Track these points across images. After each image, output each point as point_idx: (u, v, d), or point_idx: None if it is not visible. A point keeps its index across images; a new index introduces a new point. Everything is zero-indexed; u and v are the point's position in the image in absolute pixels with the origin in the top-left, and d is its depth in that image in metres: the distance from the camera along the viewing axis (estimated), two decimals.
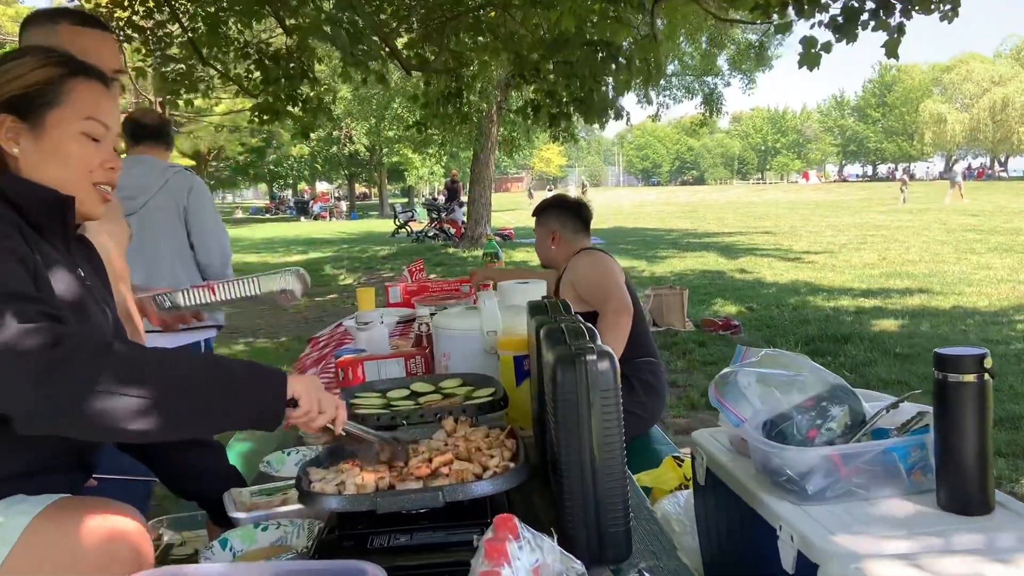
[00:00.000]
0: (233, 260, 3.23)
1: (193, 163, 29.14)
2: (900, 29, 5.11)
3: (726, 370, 1.47)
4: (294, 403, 1.12)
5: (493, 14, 7.39)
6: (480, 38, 7.70)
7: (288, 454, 1.74)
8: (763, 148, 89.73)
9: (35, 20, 1.68)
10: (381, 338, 2.27)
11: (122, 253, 2.07)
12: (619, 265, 2.92)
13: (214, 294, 1.87)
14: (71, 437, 1.02)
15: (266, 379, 1.09)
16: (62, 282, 1.18)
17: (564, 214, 3.08)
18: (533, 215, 3.22)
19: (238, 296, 1.91)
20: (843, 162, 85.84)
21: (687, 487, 2.11)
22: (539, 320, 1.57)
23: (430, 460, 1.28)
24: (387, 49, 7.51)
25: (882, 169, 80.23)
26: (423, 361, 2.06)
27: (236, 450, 2.19)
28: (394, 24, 7.60)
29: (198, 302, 1.86)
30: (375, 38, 7.01)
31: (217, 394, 1.04)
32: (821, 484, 1.31)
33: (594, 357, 1.18)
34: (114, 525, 1.07)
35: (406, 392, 1.78)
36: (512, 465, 1.22)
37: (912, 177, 70.60)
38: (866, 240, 15.00)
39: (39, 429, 0.99)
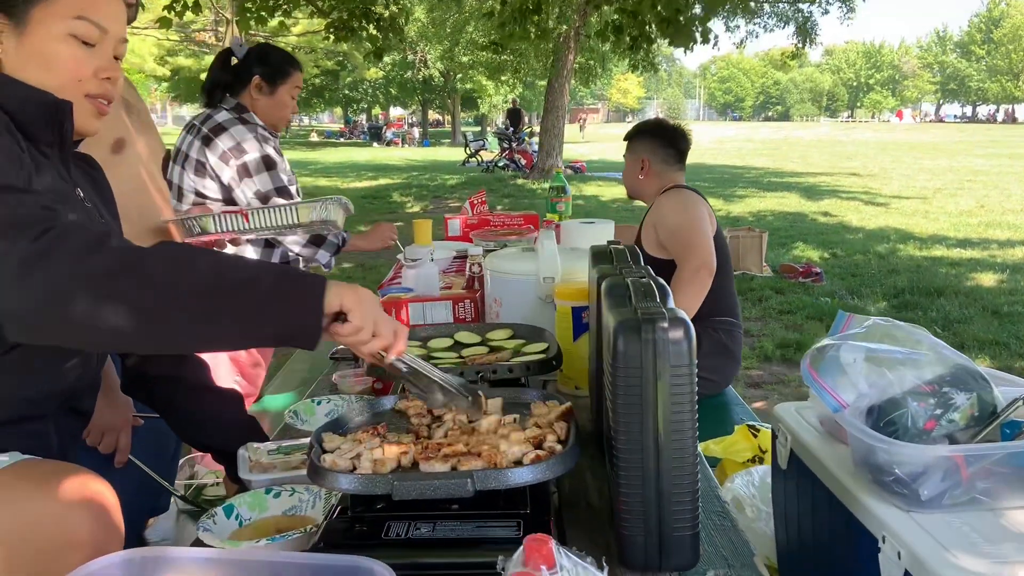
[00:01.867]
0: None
1: None
2: None
3: (824, 341, 1.22)
4: (343, 317, 0.93)
5: None
6: None
7: (318, 403, 1.58)
8: (855, 84, 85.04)
9: None
10: (430, 277, 2.08)
11: (159, 169, 1.92)
12: (710, 209, 2.60)
13: (247, 221, 1.73)
14: (67, 345, 0.89)
15: (300, 285, 0.90)
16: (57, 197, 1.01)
17: (657, 142, 2.74)
18: (624, 139, 2.89)
19: (273, 224, 1.76)
20: (941, 101, 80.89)
21: (761, 459, 1.89)
22: (601, 270, 1.35)
23: (472, 431, 1.10)
24: None
25: (982, 110, 75.27)
26: (472, 306, 1.86)
27: (275, 400, 2.06)
28: None
29: (230, 228, 1.71)
30: None
31: (234, 300, 0.86)
32: (938, 488, 1.07)
33: (666, 325, 0.95)
34: (73, 501, 0.92)
35: (450, 342, 1.60)
36: (559, 448, 1.02)
37: (1015, 120, 66.10)
38: (963, 186, 14.02)
39: (29, 334, 0.84)
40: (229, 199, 2.40)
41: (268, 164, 2.35)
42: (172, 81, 28.99)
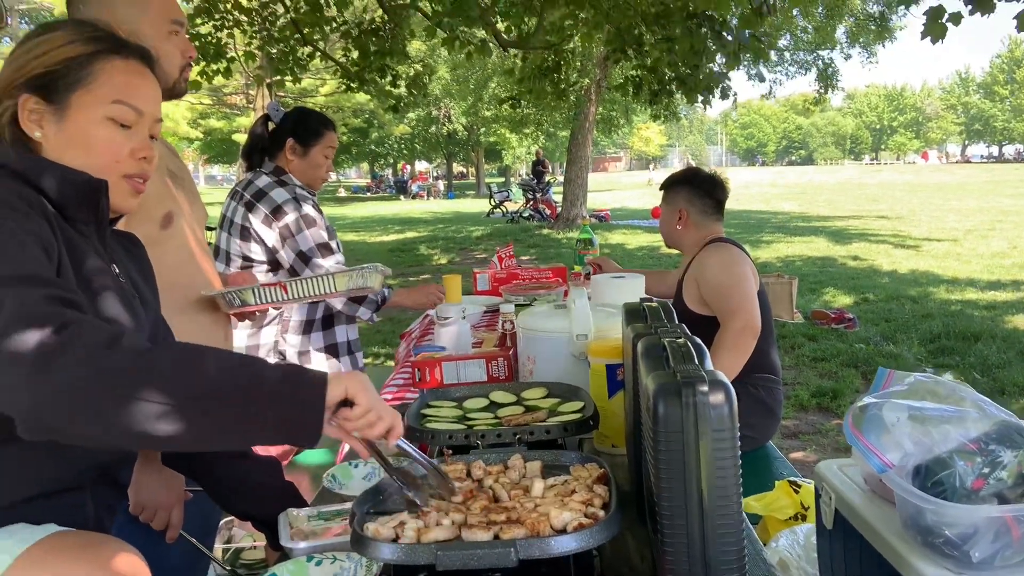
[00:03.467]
0: None
1: None
2: None
3: (866, 399, 1.21)
4: (349, 403, 0.94)
5: None
6: (580, 13, 7.42)
7: (355, 466, 1.58)
8: (878, 127, 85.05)
9: None
10: (462, 335, 2.10)
11: (203, 236, 1.97)
12: (753, 266, 2.57)
13: (286, 292, 1.76)
14: (73, 443, 0.86)
15: (302, 383, 0.90)
16: (87, 276, 1.05)
17: (694, 192, 2.72)
18: (660, 189, 2.89)
19: (312, 294, 1.79)
20: (966, 142, 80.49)
21: (804, 516, 1.85)
22: (636, 329, 1.35)
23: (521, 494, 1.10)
24: (485, 24, 7.34)
25: (1008, 150, 74.66)
26: (506, 364, 1.87)
27: (309, 460, 2.07)
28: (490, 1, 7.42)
29: (269, 300, 1.75)
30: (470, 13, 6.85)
31: (238, 400, 0.86)
32: (989, 550, 1.04)
33: (705, 388, 0.95)
34: (106, 573, 0.93)
35: (485, 402, 1.60)
36: (602, 514, 1.01)
37: None
38: (994, 227, 13.84)
39: (39, 431, 0.83)
40: (274, 261, 2.47)
41: (308, 223, 2.44)
42: (204, 142, 29.80)
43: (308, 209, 2.47)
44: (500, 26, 8.00)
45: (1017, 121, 67.85)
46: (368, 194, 43.12)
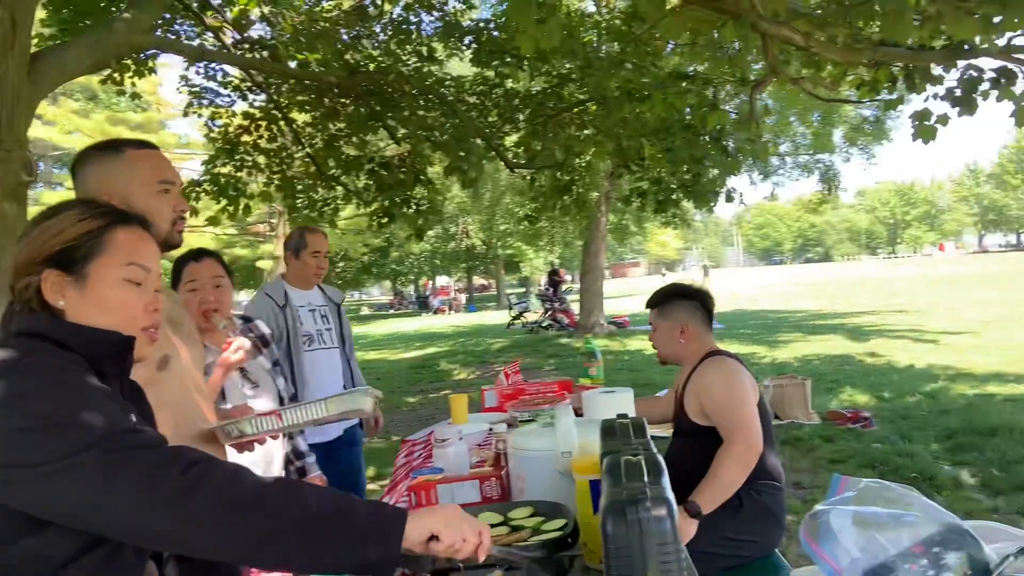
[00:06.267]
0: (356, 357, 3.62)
1: None
2: None
3: (817, 507, 1.29)
4: (435, 538, 1.12)
5: (594, 107, 7.48)
6: (585, 131, 7.81)
7: None
8: (892, 221, 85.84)
9: (96, 153, 1.74)
10: (459, 456, 2.19)
11: (202, 376, 2.10)
12: (751, 377, 2.63)
13: (281, 420, 1.87)
14: (192, 555, 1.06)
15: (384, 521, 1.08)
16: None
17: (691, 305, 2.78)
18: (650, 306, 2.91)
19: (306, 420, 1.90)
20: (982, 232, 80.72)
21: None
22: (606, 446, 1.46)
23: None
24: (491, 151, 7.73)
25: None
26: (499, 483, 1.95)
27: None
28: (500, 125, 7.83)
29: (265, 429, 1.86)
30: (478, 141, 7.23)
31: (328, 530, 1.04)
32: None
33: (648, 504, 1.05)
34: None
35: None
36: None
37: None
38: (1015, 318, 13.74)
39: (169, 547, 1.09)
40: None
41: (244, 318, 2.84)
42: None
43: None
44: (509, 145, 8.40)
45: None
46: (391, 311, 43.74)
